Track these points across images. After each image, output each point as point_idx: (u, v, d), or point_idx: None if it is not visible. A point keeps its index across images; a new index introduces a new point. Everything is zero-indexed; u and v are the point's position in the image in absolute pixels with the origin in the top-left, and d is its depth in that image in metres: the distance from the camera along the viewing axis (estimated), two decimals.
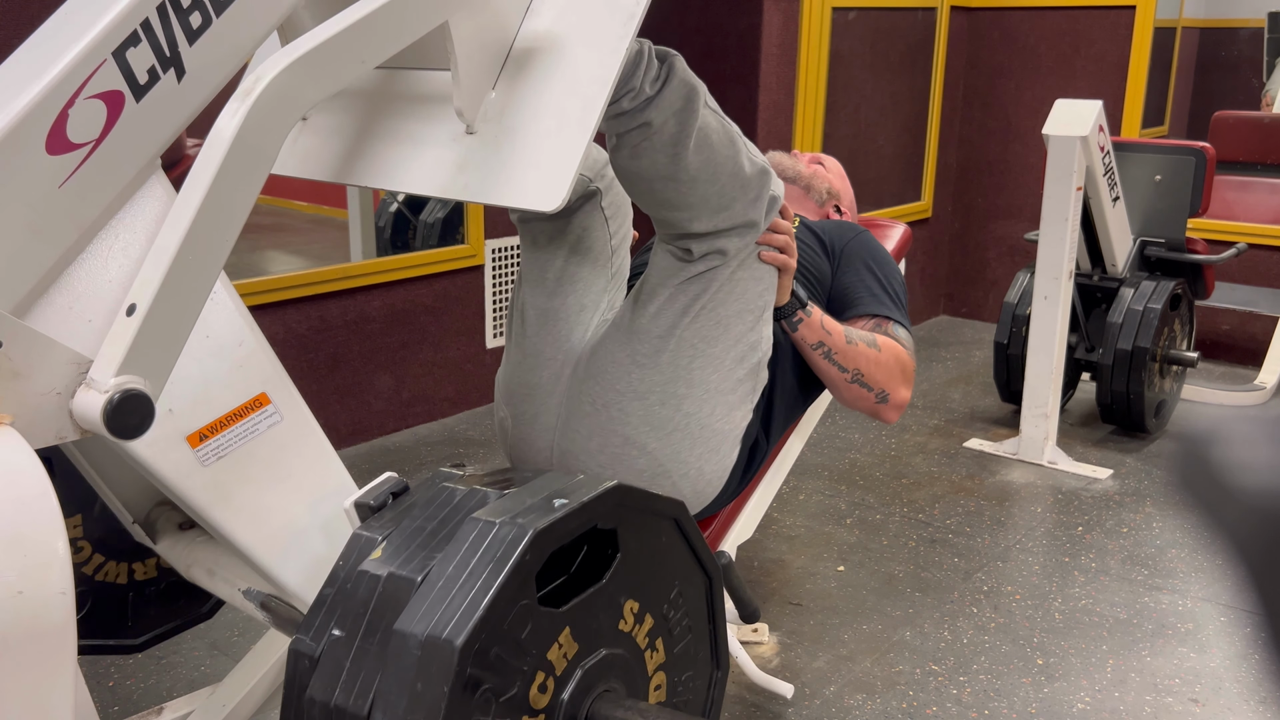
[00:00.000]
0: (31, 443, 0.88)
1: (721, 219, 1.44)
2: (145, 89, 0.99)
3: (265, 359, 1.10)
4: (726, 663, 1.15)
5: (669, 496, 1.06)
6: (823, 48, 3.92)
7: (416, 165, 1.15)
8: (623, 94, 1.26)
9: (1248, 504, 0.39)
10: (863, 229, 1.91)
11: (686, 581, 1.07)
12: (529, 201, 1.06)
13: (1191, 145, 3.44)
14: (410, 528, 0.97)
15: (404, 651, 0.85)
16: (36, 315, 0.99)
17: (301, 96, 0.99)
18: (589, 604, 0.95)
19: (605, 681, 0.98)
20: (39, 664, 0.80)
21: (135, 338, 0.93)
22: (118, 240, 1.02)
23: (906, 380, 1.74)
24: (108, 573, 1.50)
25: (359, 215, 3.46)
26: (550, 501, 0.91)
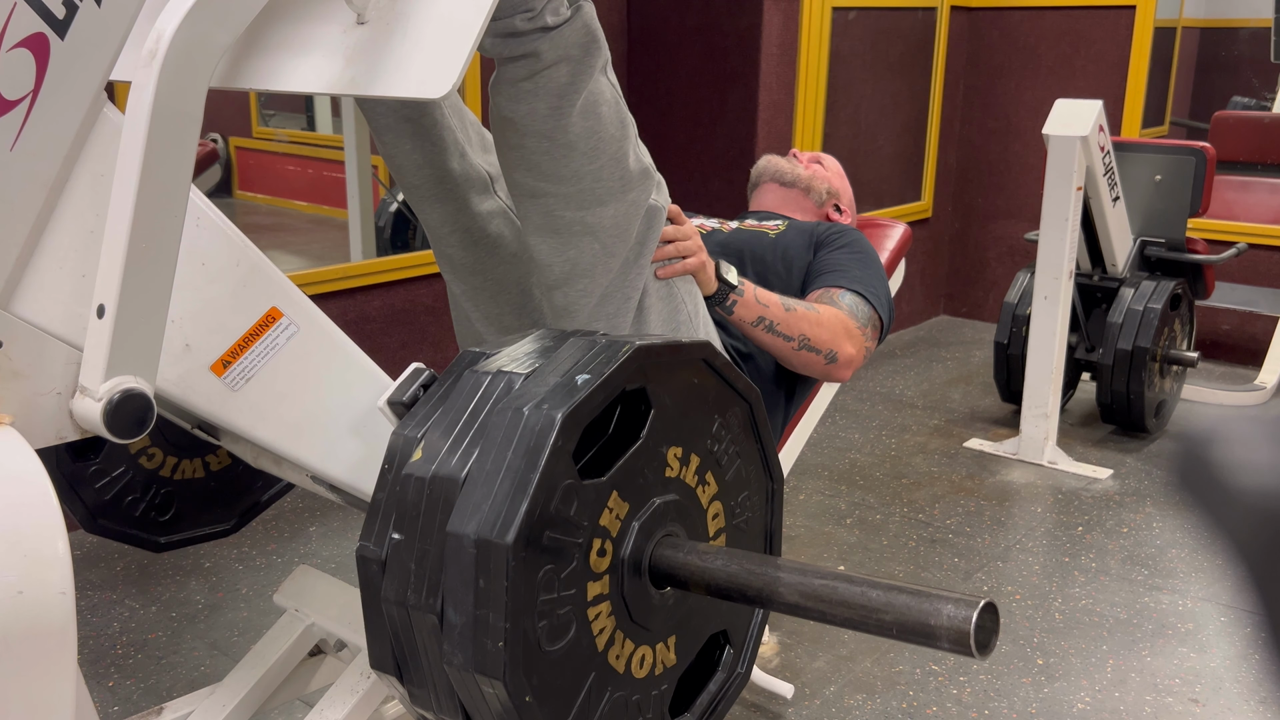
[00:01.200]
0: (31, 443, 0.88)
1: (590, 213, 1.33)
2: (67, 23, 0.92)
3: (267, 272, 1.08)
4: (780, 475, 1.14)
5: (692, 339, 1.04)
6: (823, 48, 3.92)
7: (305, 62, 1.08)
8: (520, 10, 1.18)
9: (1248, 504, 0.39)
10: (857, 231, 1.91)
11: (726, 411, 1.06)
12: (415, 89, 0.99)
13: (1191, 145, 3.44)
14: (444, 423, 0.98)
15: (460, 551, 0.87)
16: (36, 302, 0.97)
17: (212, 42, 0.92)
18: (631, 463, 0.96)
19: (662, 528, 0.99)
20: (39, 664, 0.80)
21: (112, 339, 0.92)
22: (93, 193, 0.98)
23: (850, 337, 1.71)
24: (184, 470, 1.53)
25: (359, 215, 3.46)
26: (573, 379, 0.91)
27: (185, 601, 2.35)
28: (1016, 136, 4.72)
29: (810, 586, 0.90)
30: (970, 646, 0.81)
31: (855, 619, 0.88)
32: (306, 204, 4.43)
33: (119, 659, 2.12)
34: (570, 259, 1.36)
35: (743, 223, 1.99)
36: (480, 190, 1.52)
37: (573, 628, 0.92)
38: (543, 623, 0.89)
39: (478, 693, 0.89)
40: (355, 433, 1.15)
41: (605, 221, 1.34)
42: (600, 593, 0.94)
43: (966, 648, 0.82)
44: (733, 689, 1.11)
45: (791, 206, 2.06)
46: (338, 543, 2.64)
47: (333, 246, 3.87)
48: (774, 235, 1.89)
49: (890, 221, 2.36)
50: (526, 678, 0.87)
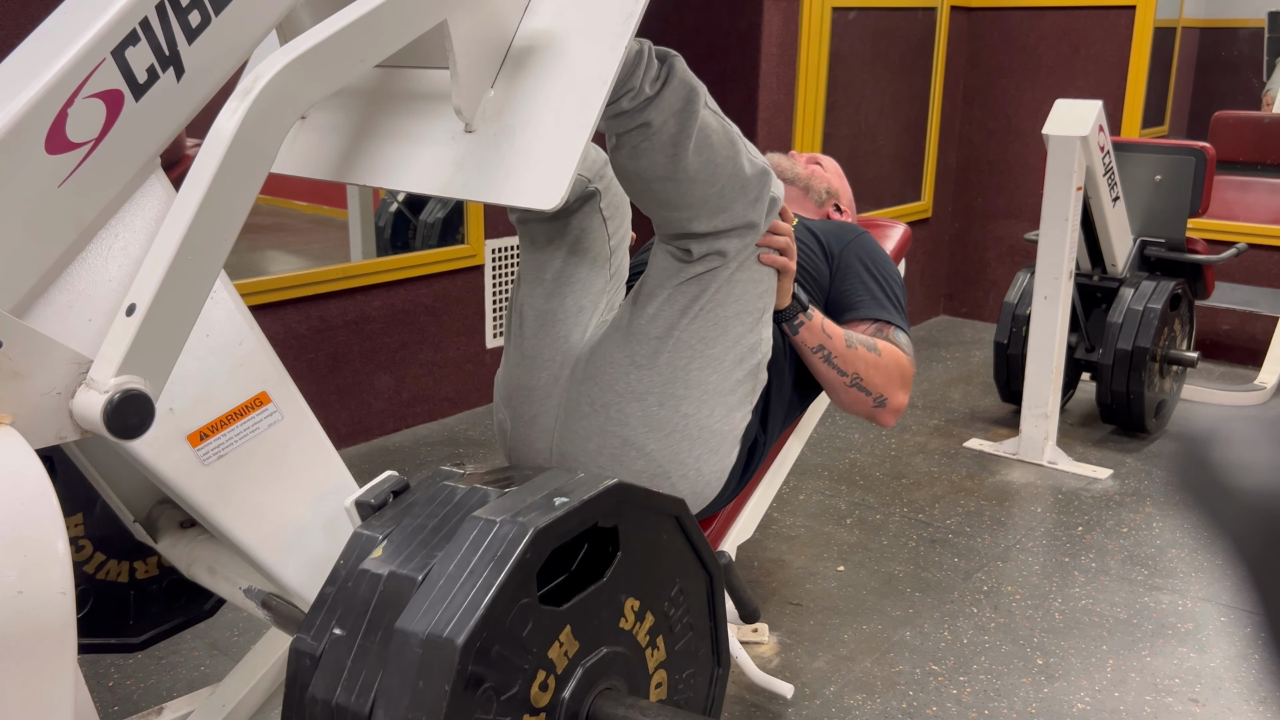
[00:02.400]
0: (31, 443, 0.88)
1: (721, 220, 1.44)
2: (144, 88, 0.99)
3: (265, 357, 1.10)
4: (728, 660, 1.15)
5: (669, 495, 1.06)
6: (823, 48, 3.92)
7: (415, 163, 1.15)
8: (622, 94, 1.25)
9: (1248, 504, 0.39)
10: (863, 230, 1.90)
11: (687, 579, 1.07)
12: (527, 200, 1.06)
13: (1191, 145, 3.44)
14: (411, 526, 0.97)
15: (405, 650, 0.85)
16: (36, 315, 0.99)
17: (300, 95, 0.99)
18: (590, 602, 0.95)
19: (606, 679, 0.98)
20: (39, 664, 0.80)
21: (135, 338, 0.93)
22: (117, 240, 1.02)
23: (905, 385, 1.74)
24: (109, 571, 1.50)
25: (359, 215, 3.46)
26: (551, 499, 0.91)
27: None
28: (1016, 136, 4.72)
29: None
30: None
31: None
32: (306, 204, 4.43)
33: (119, 659, 2.12)
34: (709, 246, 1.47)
35: None
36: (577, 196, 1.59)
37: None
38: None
39: None
40: (315, 531, 1.14)
41: (737, 221, 1.46)
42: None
43: None
44: None
45: (792, 205, 2.06)
46: None
47: (333, 246, 3.87)
48: None
49: (890, 221, 2.36)
50: None
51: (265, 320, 2.94)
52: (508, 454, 1.64)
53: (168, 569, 1.53)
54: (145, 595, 1.55)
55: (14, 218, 0.95)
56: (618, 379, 1.48)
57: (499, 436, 1.66)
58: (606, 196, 1.60)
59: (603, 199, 1.59)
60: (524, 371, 1.58)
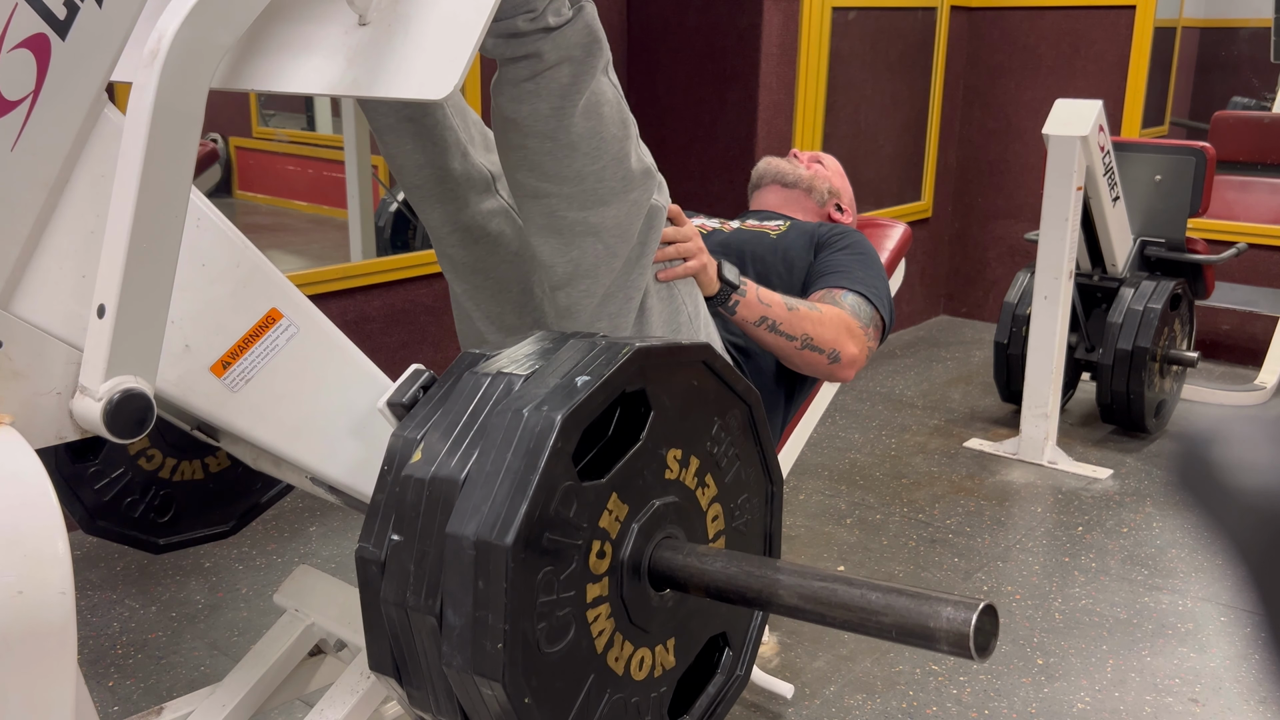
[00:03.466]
0: (31, 443, 0.88)
1: (593, 213, 1.33)
2: (68, 23, 0.92)
3: (267, 273, 1.08)
4: (779, 477, 1.14)
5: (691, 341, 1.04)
6: (823, 48, 3.92)
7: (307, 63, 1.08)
8: (521, 11, 1.18)
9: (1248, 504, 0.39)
10: (859, 233, 1.91)
11: (726, 413, 1.06)
12: (417, 90, 0.99)
13: (1191, 145, 3.44)
14: (444, 424, 0.97)
15: (460, 553, 0.87)
16: (36, 302, 0.97)
17: (214, 43, 0.92)
18: (631, 465, 0.95)
19: (661, 530, 0.99)
20: (39, 664, 0.80)
21: (113, 339, 0.92)
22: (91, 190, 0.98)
23: (852, 336, 1.71)
24: (183, 471, 1.53)
25: (359, 215, 3.46)
26: (573, 381, 0.91)
27: (185, 601, 2.35)
28: (1016, 136, 4.72)
29: (809, 589, 0.90)
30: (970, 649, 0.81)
31: (854, 621, 0.88)
32: (306, 204, 4.43)
33: (119, 659, 2.12)
34: (573, 259, 1.36)
35: (744, 223, 1.99)
36: (482, 189, 1.52)
37: (572, 629, 0.92)
38: (542, 624, 0.89)
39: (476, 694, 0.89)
40: (354, 434, 1.15)
41: (608, 221, 1.35)
42: (599, 595, 0.94)
43: (966, 650, 0.82)
44: (732, 691, 1.11)
45: (793, 207, 2.06)
46: (338, 543, 2.64)
47: (333, 246, 3.87)
48: (775, 236, 1.89)
49: (890, 221, 2.36)
50: (525, 679, 0.87)
51: None
52: None
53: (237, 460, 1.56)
54: (224, 484, 1.58)
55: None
56: None
57: None
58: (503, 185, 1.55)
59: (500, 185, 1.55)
60: None
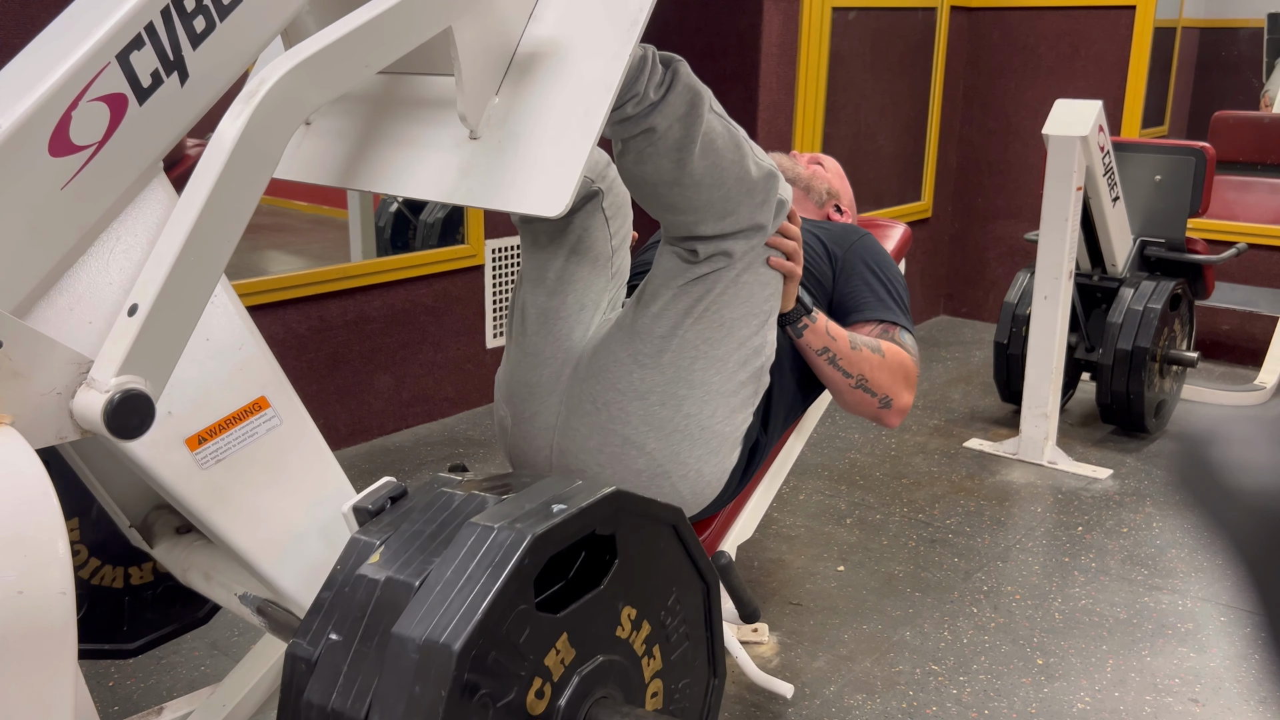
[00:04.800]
0: (31, 443, 0.88)
1: (728, 223, 1.44)
2: (148, 92, 1.00)
3: (265, 362, 1.10)
4: (723, 670, 1.15)
5: (667, 503, 1.06)
6: (823, 48, 3.92)
7: (420, 170, 1.15)
8: (627, 99, 1.26)
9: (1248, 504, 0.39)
10: (866, 232, 1.91)
11: (684, 588, 1.07)
12: (532, 207, 1.06)
13: (1191, 145, 3.44)
14: (409, 532, 0.97)
15: (402, 655, 0.85)
16: (37, 316, 0.99)
17: (305, 100, 1.00)
18: (587, 610, 0.95)
19: (602, 688, 0.98)
20: (39, 664, 0.80)
21: (137, 338, 0.93)
22: (119, 243, 1.02)
23: (909, 385, 1.74)
24: (104, 577, 1.50)
25: (359, 215, 3.46)
26: (549, 506, 0.91)
27: None
28: (1016, 136, 4.72)
29: None
30: None
31: None
32: (306, 204, 4.43)
33: (119, 660, 2.12)
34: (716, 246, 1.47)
35: None
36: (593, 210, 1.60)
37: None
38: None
39: None
40: (313, 537, 1.14)
41: (743, 224, 1.46)
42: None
43: None
44: None
45: (793, 204, 2.06)
46: None
47: (333, 246, 3.87)
48: None
49: (890, 221, 2.36)
50: None
51: (265, 320, 2.95)
52: (507, 451, 1.64)
53: (163, 575, 1.53)
54: (140, 601, 1.55)
55: (16, 220, 0.95)
56: (620, 377, 1.48)
57: (499, 434, 1.66)
58: (609, 196, 1.60)
59: (605, 199, 1.59)
60: (526, 369, 1.58)
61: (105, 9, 0.98)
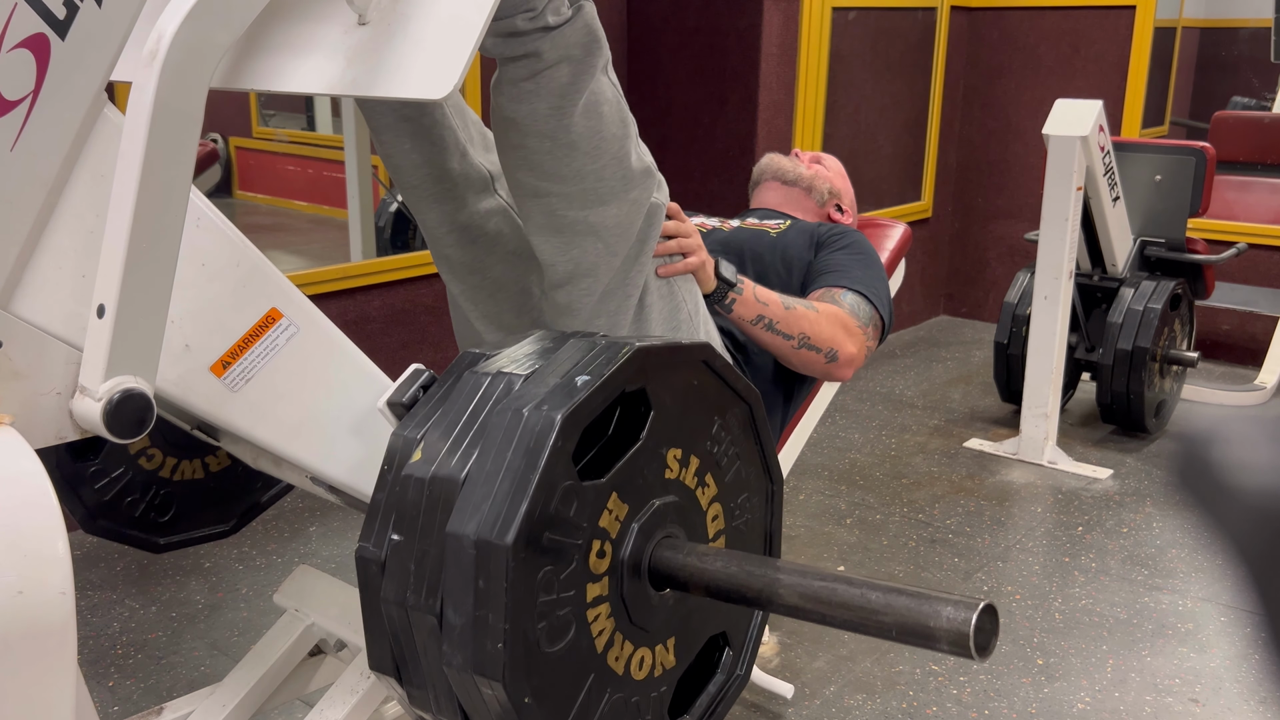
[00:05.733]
0: (31, 443, 0.88)
1: (593, 212, 1.33)
2: (67, 24, 0.92)
3: (267, 273, 1.08)
4: (779, 476, 1.14)
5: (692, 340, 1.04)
6: (823, 48, 3.92)
7: (306, 63, 1.08)
8: (521, 10, 1.18)
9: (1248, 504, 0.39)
10: (859, 233, 1.91)
11: (726, 413, 1.06)
12: (416, 90, 0.99)
13: (1191, 145, 3.44)
14: (444, 423, 0.98)
15: (460, 552, 0.87)
16: (35, 302, 0.97)
17: (213, 43, 0.92)
18: (631, 465, 0.95)
19: (662, 529, 0.99)
20: (39, 664, 0.80)
21: (112, 339, 0.92)
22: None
23: (850, 335, 1.70)
24: (183, 471, 1.53)
25: (359, 215, 3.46)
26: (573, 380, 0.91)
27: (185, 601, 2.35)
28: (1016, 136, 4.72)
29: (810, 588, 0.90)
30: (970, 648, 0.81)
31: (855, 621, 0.88)
32: (306, 204, 4.43)
33: (119, 659, 2.12)
34: (574, 258, 1.37)
35: (744, 221, 1.99)
36: (480, 189, 1.52)
37: (572, 629, 0.92)
38: (542, 624, 0.89)
39: (477, 694, 0.89)
40: (354, 433, 1.15)
41: (608, 220, 1.35)
42: (599, 594, 0.94)
43: (966, 650, 0.82)
44: (732, 690, 1.11)
45: (793, 205, 2.06)
46: (338, 543, 2.64)
47: (333, 246, 3.87)
48: (775, 234, 1.89)
49: (890, 221, 2.36)
50: (526, 678, 0.87)
51: None
52: None
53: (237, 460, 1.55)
54: (224, 485, 1.58)
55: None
56: None
57: None
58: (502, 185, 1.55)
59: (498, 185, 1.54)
60: None
61: None
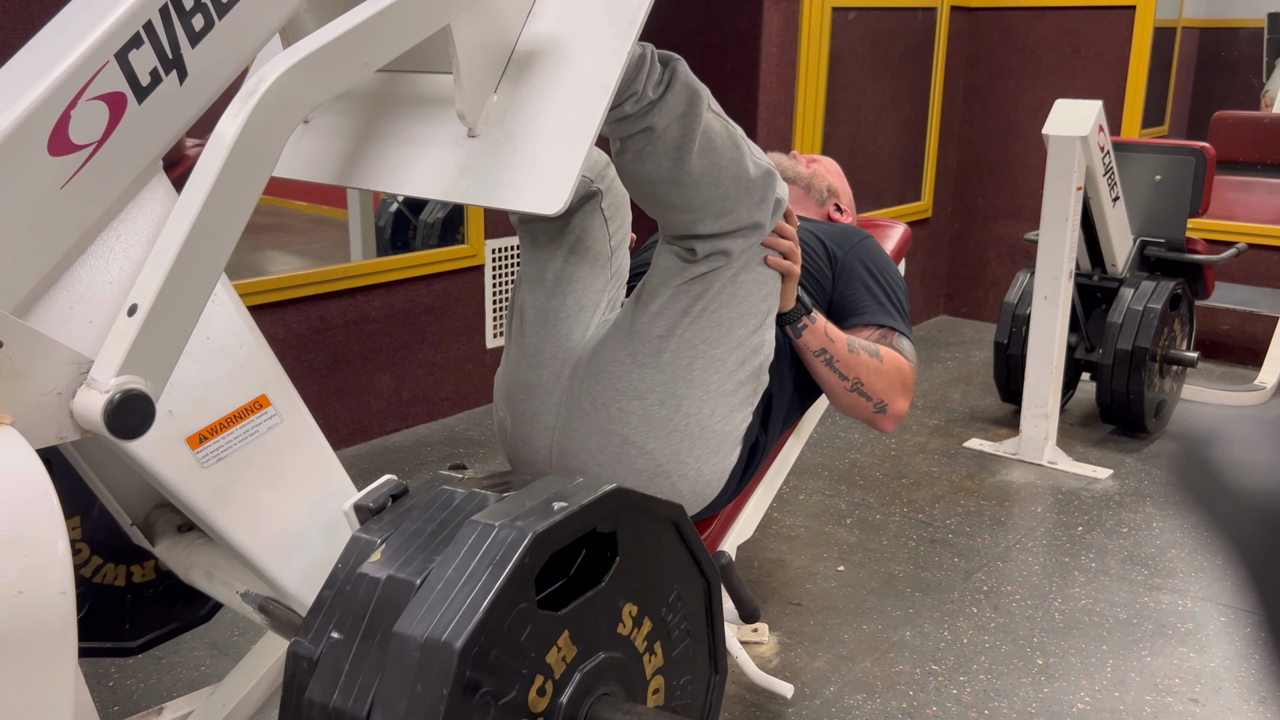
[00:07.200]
0: (32, 443, 0.88)
1: (726, 221, 1.44)
2: (147, 91, 1.00)
3: (265, 360, 1.10)
4: (724, 667, 1.15)
5: (668, 500, 1.06)
6: (823, 48, 3.92)
7: (418, 168, 1.15)
8: (625, 98, 1.26)
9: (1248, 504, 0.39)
10: (868, 234, 1.91)
11: (685, 585, 1.07)
12: (530, 205, 1.06)
13: (1191, 145, 3.44)
14: (410, 530, 0.97)
15: (403, 653, 0.85)
16: (37, 315, 0.99)
17: (303, 98, 1.00)
18: (588, 607, 0.95)
19: (604, 684, 0.98)
20: (39, 664, 0.80)
21: (136, 338, 0.93)
22: (119, 242, 1.02)
23: (905, 392, 1.74)
24: (105, 575, 1.50)
25: (359, 215, 3.46)
26: (550, 504, 0.91)
27: None
28: (1016, 136, 4.72)
29: None
30: None
31: None
32: (306, 204, 4.43)
33: (120, 658, 2.12)
34: (714, 245, 1.47)
35: None
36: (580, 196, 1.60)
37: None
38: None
39: None
40: (314, 535, 1.14)
41: (741, 223, 1.46)
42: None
43: None
44: None
45: (793, 204, 2.06)
46: None
47: (333, 246, 3.87)
48: None
49: (890, 221, 2.36)
50: None
51: (265, 320, 2.95)
52: (508, 452, 1.64)
53: (165, 573, 1.53)
54: (142, 599, 1.55)
55: (16, 219, 0.95)
56: (619, 377, 1.48)
57: (499, 435, 1.66)
58: (608, 196, 1.60)
59: (604, 199, 1.60)
60: (525, 369, 1.58)
61: (104, 7, 0.98)
